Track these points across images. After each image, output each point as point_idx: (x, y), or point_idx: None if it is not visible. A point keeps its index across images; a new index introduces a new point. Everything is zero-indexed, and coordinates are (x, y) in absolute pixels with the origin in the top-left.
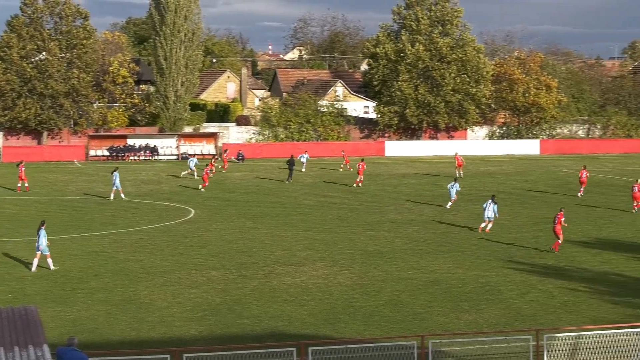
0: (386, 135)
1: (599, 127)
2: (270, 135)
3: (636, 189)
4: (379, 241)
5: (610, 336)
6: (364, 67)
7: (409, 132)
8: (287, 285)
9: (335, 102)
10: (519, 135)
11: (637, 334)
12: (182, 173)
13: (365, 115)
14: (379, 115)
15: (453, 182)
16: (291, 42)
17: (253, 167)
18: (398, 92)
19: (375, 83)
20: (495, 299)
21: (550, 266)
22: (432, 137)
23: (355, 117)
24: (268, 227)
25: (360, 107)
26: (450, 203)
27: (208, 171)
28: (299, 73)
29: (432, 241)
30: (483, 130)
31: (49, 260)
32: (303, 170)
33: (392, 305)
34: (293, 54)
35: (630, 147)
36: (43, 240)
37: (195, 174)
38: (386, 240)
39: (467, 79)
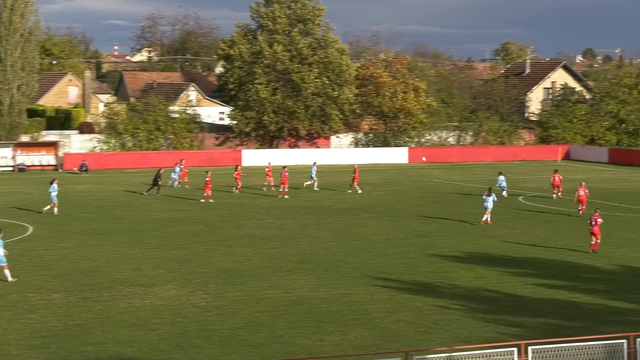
0: (244, 143)
1: (470, 133)
2: (117, 144)
3: (582, 192)
4: (236, 258)
5: (482, 356)
6: (219, 69)
7: (268, 139)
8: (135, 308)
9: (187, 108)
10: (386, 143)
11: (510, 354)
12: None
13: (221, 122)
14: (234, 122)
15: None
16: (139, 42)
17: (98, 179)
18: (254, 97)
19: (230, 87)
20: (362, 319)
21: (419, 283)
22: (292, 145)
23: (210, 123)
24: (115, 244)
25: (215, 112)
26: None
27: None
28: (147, 76)
29: (293, 258)
30: (348, 138)
31: (6, 272)
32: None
33: (250, 327)
34: (141, 56)
35: (502, 154)
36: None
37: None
38: (244, 257)
39: (330, 82)
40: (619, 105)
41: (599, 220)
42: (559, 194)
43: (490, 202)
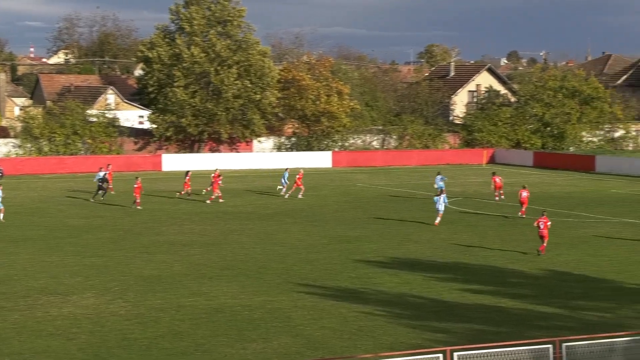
0: (164, 147)
1: (395, 137)
2: (33, 148)
3: (524, 194)
4: (156, 265)
5: None
6: (138, 72)
7: (189, 143)
8: (53, 317)
9: (106, 111)
10: (309, 147)
11: None
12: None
13: (140, 126)
14: (154, 126)
15: None
16: (55, 44)
17: (13, 185)
18: (173, 99)
19: (150, 90)
20: (285, 327)
21: (343, 289)
22: (214, 150)
23: (129, 127)
24: (31, 251)
25: (134, 116)
26: None
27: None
28: (64, 79)
29: (215, 264)
30: (270, 142)
31: None
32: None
33: (171, 336)
34: (58, 58)
35: (427, 158)
36: None
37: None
38: (164, 264)
39: (251, 85)
40: (544, 108)
41: (548, 223)
42: (502, 196)
43: (441, 203)
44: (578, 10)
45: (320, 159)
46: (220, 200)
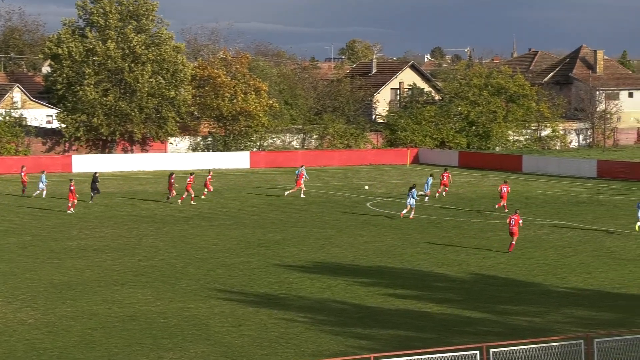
0: (74, 148)
1: (315, 136)
2: None
3: (505, 189)
4: (66, 272)
5: None
6: (46, 69)
7: (100, 144)
8: None
9: (12, 110)
10: (226, 147)
11: None
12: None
13: (49, 125)
14: (63, 125)
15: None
16: None
17: None
18: (84, 98)
19: (58, 87)
20: (203, 334)
21: (263, 295)
22: (126, 150)
23: (37, 127)
24: None
25: (42, 115)
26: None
27: None
28: None
29: (129, 270)
30: (185, 142)
31: None
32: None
33: (83, 345)
34: None
35: (349, 158)
36: None
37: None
38: (75, 270)
39: (165, 82)
40: (469, 106)
41: (520, 221)
42: (444, 193)
43: (410, 198)
44: (503, 6)
45: (238, 160)
46: (179, 202)
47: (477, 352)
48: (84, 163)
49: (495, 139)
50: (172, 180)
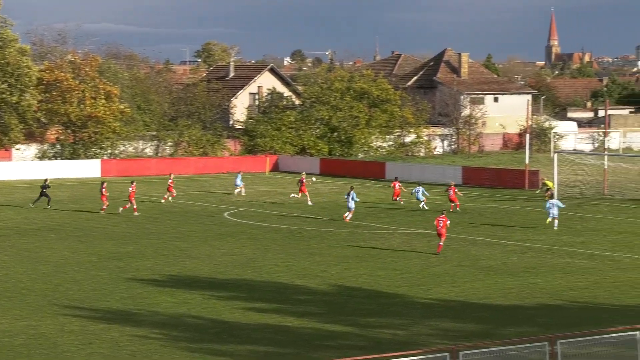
0: None
1: (170, 143)
2: None
3: (451, 192)
4: None
5: None
6: None
7: None
8: None
9: None
10: (75, 155)
11: None
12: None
13: None
14: None
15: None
16: None
17: None
18: None
19: None
20: (51, 354)
21: (115, 310)
22: None
23: None
24: None
25: None
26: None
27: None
28: None
29: None
30: (32, 150)
31: None
32: None
33: None
34: None
35: (206, 166)
36: None
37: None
38: None
39: (8, 87)
40: (331, 111)
41: (447, 222)
42: (401, 202)
43: (350, 201)
44: (365, 7)
45: (88, 168)
46: (102, 212)
47: None
48: None
49: (358, 146)
50: (104, 190)
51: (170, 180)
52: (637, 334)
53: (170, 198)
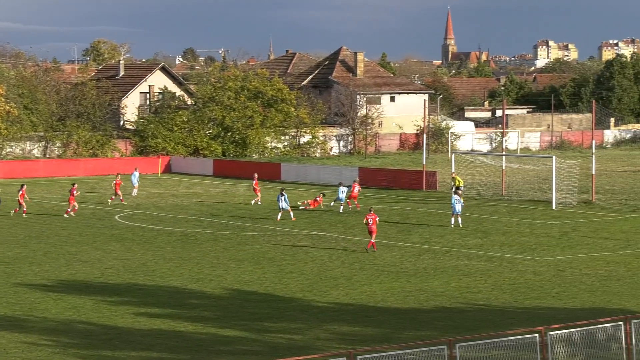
0: None
1: (58, 144)
2: None
3: (356, 189)
4: None
5: None
6: None
7: None
8: None
9: None
10: None
11: None
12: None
13: None
14: None
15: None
16: None
17: None
18: None
19: None
20: None
21: (2, 317)
22: None
23: None
24: None
25: None
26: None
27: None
28: None
29: None
30: None
31: None
32: None
33: None
34: None
35: (96, 168)
36: None
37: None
38: None
39: None
40: (224, 111)
41: (377, 218)
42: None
43: (282, 202)
44: (259, 5)
45: None
46: (73, 214)
47: None
48: None
49: (253, 146)
50: (74, 190)
51: (117, 180)
52: (537, 336)
53: (120, 199)
